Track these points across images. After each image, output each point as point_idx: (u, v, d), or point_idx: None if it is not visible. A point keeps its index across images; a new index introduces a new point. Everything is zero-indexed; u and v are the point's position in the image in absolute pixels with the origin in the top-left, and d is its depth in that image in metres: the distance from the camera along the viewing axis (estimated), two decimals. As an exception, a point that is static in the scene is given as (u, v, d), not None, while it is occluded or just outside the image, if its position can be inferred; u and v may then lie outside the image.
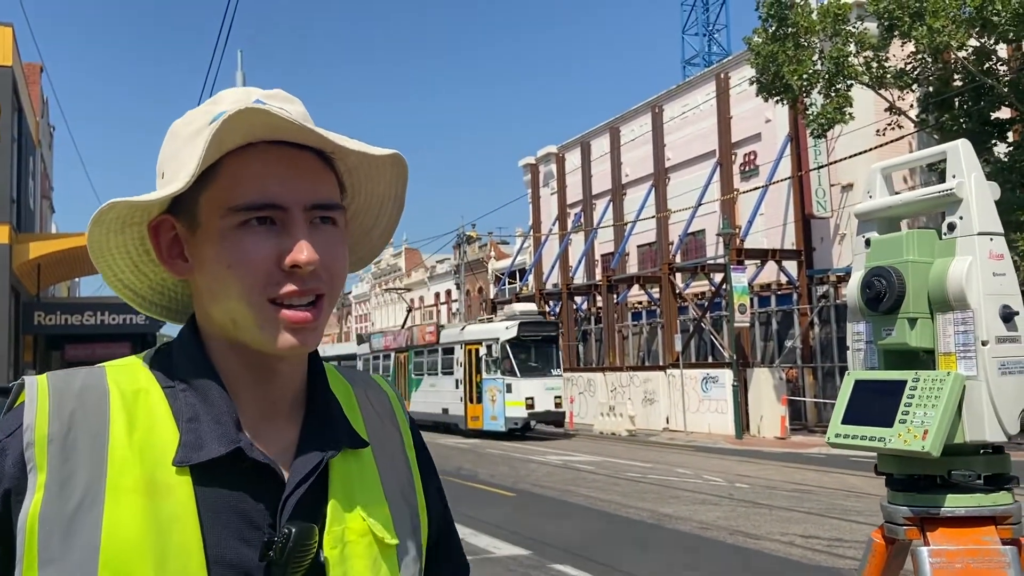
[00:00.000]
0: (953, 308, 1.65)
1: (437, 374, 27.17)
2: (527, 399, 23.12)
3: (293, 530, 0.84)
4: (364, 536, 0.91)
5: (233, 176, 0.87)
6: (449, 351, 26.48)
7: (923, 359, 1.75)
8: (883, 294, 1.70)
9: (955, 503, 1.65)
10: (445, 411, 26.49)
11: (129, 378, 0.89)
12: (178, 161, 0.90)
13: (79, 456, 0.81)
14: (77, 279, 36.97)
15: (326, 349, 68.24)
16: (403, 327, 35.28)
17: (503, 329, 23.94)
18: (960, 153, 1.71)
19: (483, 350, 24.25)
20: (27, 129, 19.43)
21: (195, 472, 0.84)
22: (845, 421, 1.75)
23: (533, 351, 24.16)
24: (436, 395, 27.10)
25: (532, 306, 28.08)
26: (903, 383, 1.66)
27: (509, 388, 23.31)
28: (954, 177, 1.70)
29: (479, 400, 24.43)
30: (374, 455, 0.98)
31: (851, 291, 1.82)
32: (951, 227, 1.69)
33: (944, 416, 1.57)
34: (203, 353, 0.92)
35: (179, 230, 0.91)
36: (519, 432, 23.67)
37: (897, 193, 1.90)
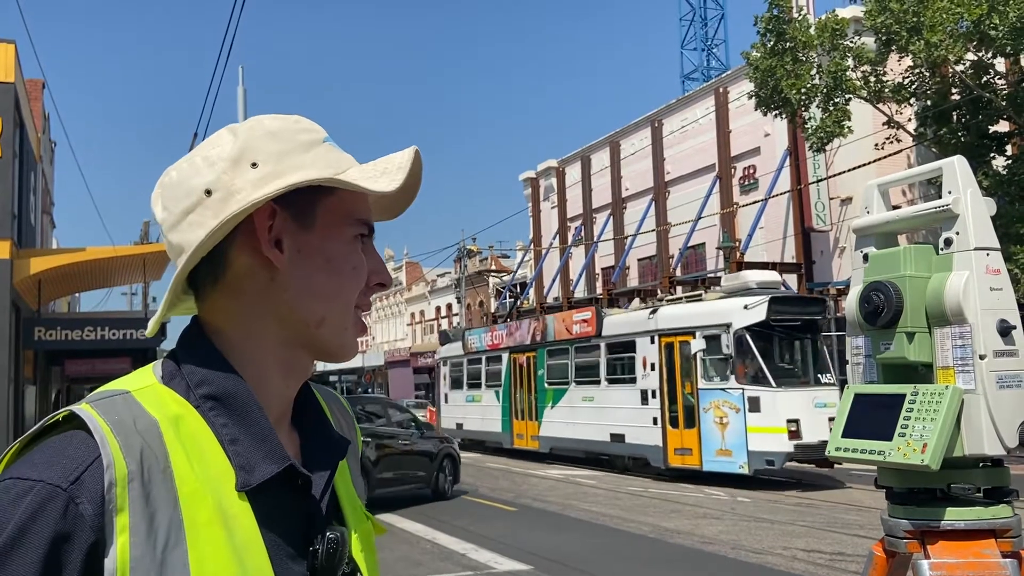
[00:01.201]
0: (951, 322, 1.67)
1: (597, 382, 18.69)
2: (789, 422, 14.25)
3: (337, 535, 0.86)
4: (370, 535, 0.97)
5: (349, 192, 0.93)
6: (623, 347, 17.94)
7: (921, 373, 1.76)
8: (881, 308, 1.71)
9: (955, 516, 1.66)
10: (617, 439, 17.84)
11: (161, 403, 0.84)
12: (294, 163, 0.89)
13: (156, 493, 0.77)
14: (77, 294, 37.00)
15: (327, 364, 68.02)
16: (513, 316, 28.93)
17: (739, 310, 15.02)
18: (956, 169, 1.73)
19: (698, 344, 15.53)
20: (28, 145, 19.49)
21: (250, 494, 0.83)
22: (845, 435, 1.76)
23: (790, 346, 15.78)
24: (595, 414, 18.56)
25: (772, 274, 18.10)
26: (902, 397, 1.68)
27: (755, 405, 14.59)
28: (950, 193, 1.72)
29: (692, 423, 15.72)
30: (347, 456, 1.01)
31: (850, 305, 1.83)
32: (948, 242, 1.70)
33: (943, 429, 1.58)
34: (226, 362, 0.88)
35: (282, 222, 0.89)
36: (773, 475, 15.62)
37: (896, 207, 1.91)
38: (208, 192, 0.88)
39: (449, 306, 52.52)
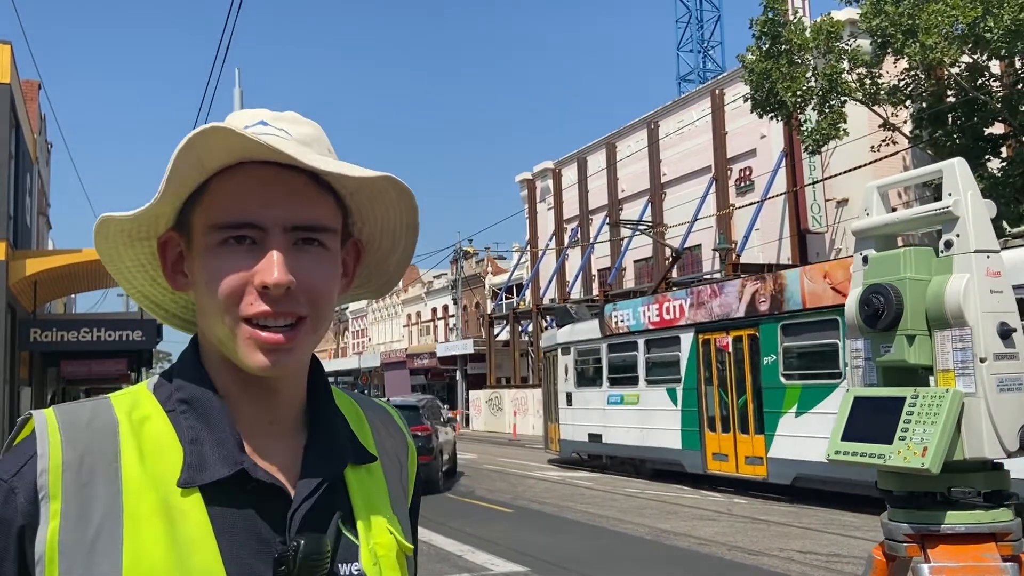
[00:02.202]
0: (951, 325, 1.66)
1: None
2: None
3: (302, 542, 0.85)
4: (392, 549, 0.94)
5: (217, 195, 0.89)
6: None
7: (921, 376, 1.75)
8: (881, 311, 1.70)
9: (955, 520, 1.65)
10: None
11: (134, 406, 0.90)
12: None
13: (95, 484, 0.82)
14: (73, 296, 36.90)
15: (323, 365, 67.83)
16: (727, 274, 20.15)
17: None
18: (956, 171, 1.72)
19: None
20: (25, 146, 19.43)
21: (205, 493, 0.85)
22: (845, 438, 1.75)
23: None
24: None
25: None
26: (902, 400, 1.66)
27: None
28: (950, 195, 1.70)
29: None
30: (383, 469, 1.01)
31: (850, 308, 1.82)
32: (948, 245, 1.69)
33: (943, 433, 1.57)
34: (202, 372, 0.92)
35: (182, 246, 0.93)
36: None
37: (893, 209, 1.91)
38: None
39: (445, 307, 52.48)
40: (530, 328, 37.15)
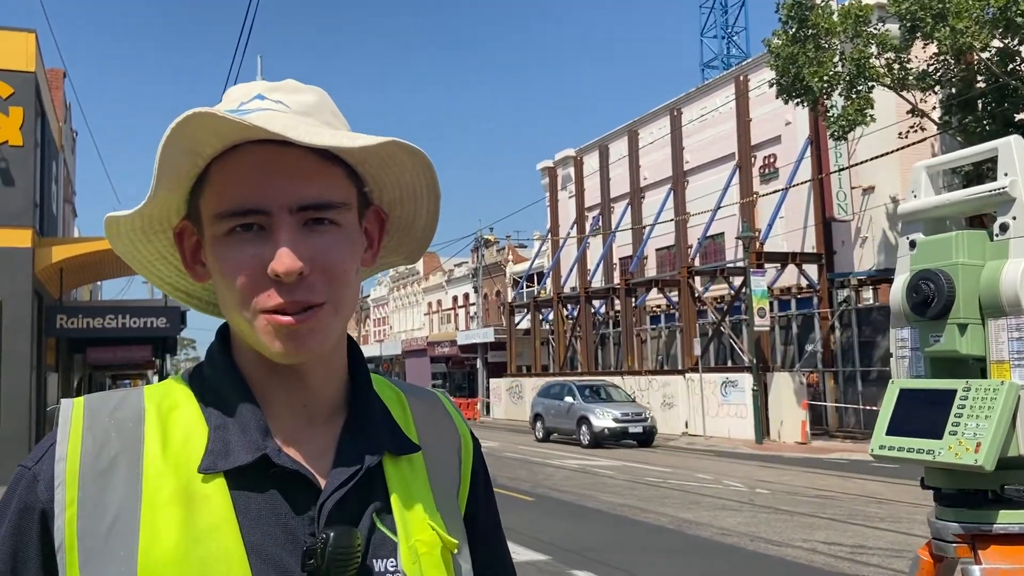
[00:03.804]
0: (1006, 313, 1.56)
1: None
2: None
3: (331, 535, 0.82)
4: (435, 547, 0.89)
5: (217, 182, 0.85)
6: None
7: (973, 367, 1.66)
8: (931, 298, 1.61)
9: (1009, 519, 1.55)
10: None
11: (165, 395, 0.90)
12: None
13: (114, 472, 0.82)
14: (99, 283, 37.29)
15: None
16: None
17: None
18: (1013, 149, 1.62)
19: None
20: (50, 134, 19.58)
21: (230, 480, 0.83)
22: (890, 432, 1.66)
23: None
24: None
25: None
26: (953, 392, 1.57)
27: None
28: (1006, 175, 1.61)
29: None
30: (424, 460, 0.96)
31: (895, 295, 1.73)
32: (1003, 228, 1.60)
33: (998, 428, 1.48)
34: (229, 360, 0.92)
35: (197, 235, 0.90)
36: None
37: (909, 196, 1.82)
38: None
39: (466, 296, 52.53)
40: (551, 316, 37.09)
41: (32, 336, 15.77)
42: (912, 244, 1.75)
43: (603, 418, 21.90)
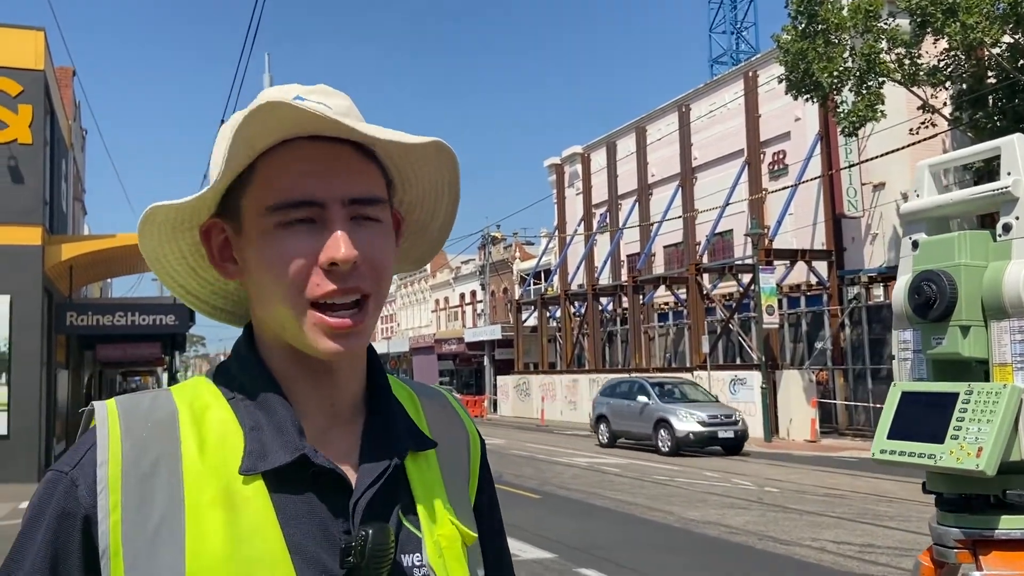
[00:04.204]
0: (1010, 315, 1.53)
1: None
2: None
3: (370, 532, 0.83)
4: (456, 541, 0.91)
5: (269, 175, 0.87)
6: None
7: (976, 370, 1.62)
8: (933, 300, 1.58)
9: (1011, 525, 1.52)
10: None
11: (194, 396, 0.90)
12: (215, 163, 0.89)
13: (156, 475, 0.82)
14: (110, 280, 37.44)
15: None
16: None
17: None
18: (1016, 148, 1.58)
19: None
20: (59, 132, 19.65)
21: (268, 481, 0.84)
22: (891, 436, 1.63)
23: None
24: None
25: None
26: (955, 396, 1.54)
27: None
28: (1009, 174, 1.57)
29: None
30: (437, 457, 0.98)
31: (897, 296, 1.70)
32: (1007, 228, 1.56)
33: (1000, 432, 1.45)
34: (259, 360, 0.91)
35: (228, 233, 0.91)
36: None
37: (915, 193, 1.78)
38: None
39: (473, 293, 52.53)
40: (558, 314, 37.05)
41: (42, 333, 15.84)
42: (914, 244, 1.71)
43: (687, 421, 18.96)
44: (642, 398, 20.34)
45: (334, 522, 0.84)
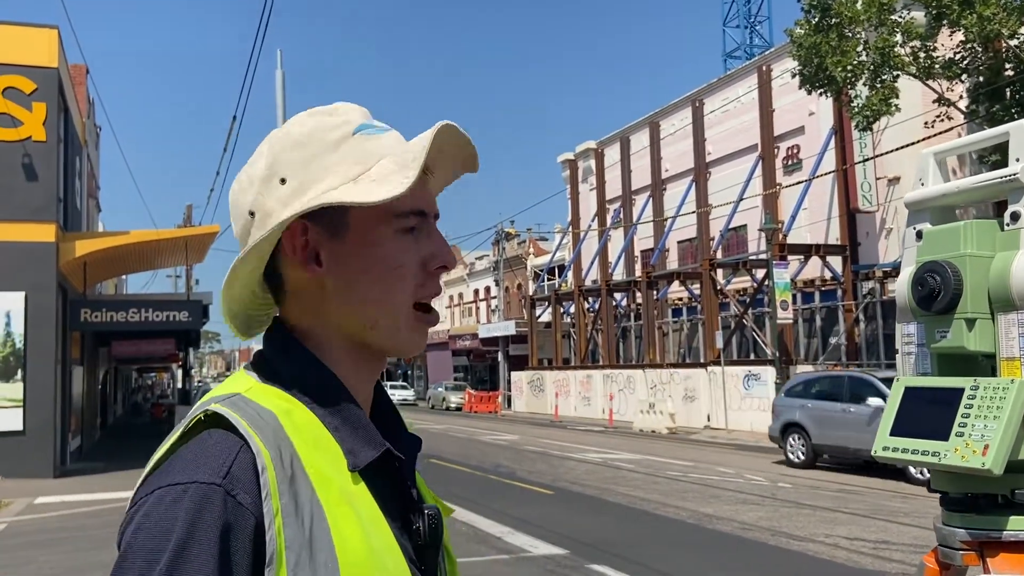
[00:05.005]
0: (1017, 307, 1.48)
1: None
2: None
3: (434, 511, 0.93)
4: (442, 516, 0.98)
5: None
6: None
7: (982, 364, 1.57)
8: (937, 292, 1.52)
9: (1019, 526, 1.47)
10: None
11: (270, 400, 0.90)
12: (322, 168, 0.91)
13: (296, 478, 0.83)
14: (124, 276, 37.68)
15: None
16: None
17: None
18: (1025, 134, 1.53)
19: None
20: (73, 129, 19.76)
21: (363, 477, 0.88)
22: (894, 432, 1.58)
23: None
24: None
25: None
26: (960, 391, 1.49)
27: None
28: (1018, 160, 1.52)
29: None
30: None
31: (900, 288, 1.65)
32: (1015, 217, 1.51)
33: (1007, 429, 1.40)
34: (317, 359, 0.94)
35: (314, 235, 0.93)
36: None
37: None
38: (252, 214, 0.94)
39: (487, 289, 52.52)
40: (572, 309, 36.99)
41: (57, 330, 15.94)
42: (919, 235, 1.66)
43: None
44: (873, 401, 14.36)
45: (400, 507, 0.92)
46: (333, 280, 0.92)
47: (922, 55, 18.48)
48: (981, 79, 18.93)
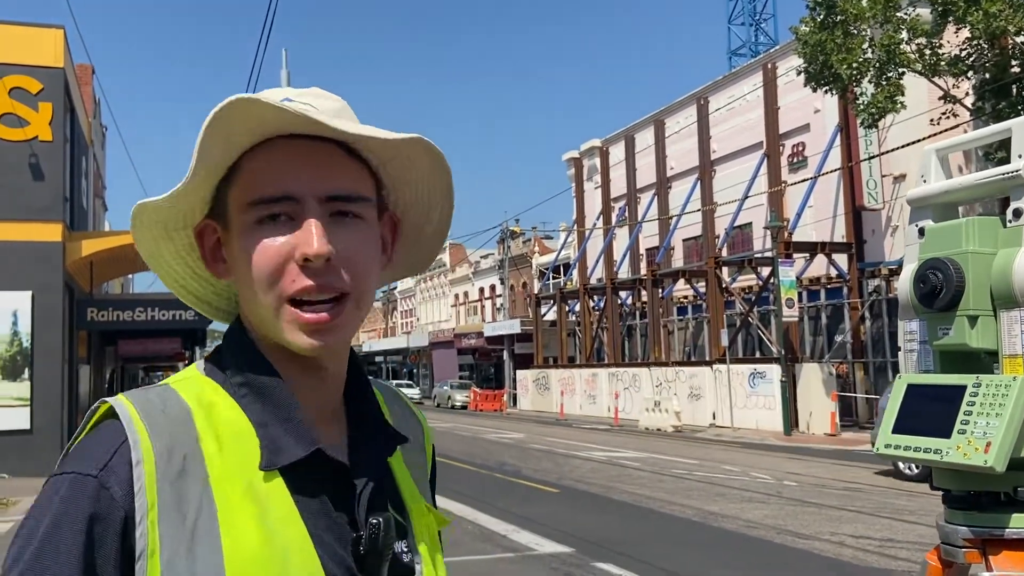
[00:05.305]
0: (1020, 304, 1.47)
1: None
2: None
3: (381, 521, 0.86)
4: (432, 526, 0.97)
5: (250, 171, 0.88)
6: None
7: (984, 362, 1.56)
8: (939, 289, 1.52)
9: (1021, 523, 1.46)
10: None
11: (198, 392, 0.89)
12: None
13: (186, 473, 0.82)
14: (131, 276, 37.78)
15: (372, 344, 68.79)
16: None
17: None
18: (1027, 131, 1.52)
19: None
20: (80, 129, 19.81)
21: (284, 476, 0.85)
22: (896, 430, 1.58)
23: None
24: None
25: None
26: (962, 389, 1.49)
27: None
28: (1021, 157, 1.51)
29: None
30: (403, 451, 1.01)
31: (903, 286, 1.64)
32: (1017, 213, 1.50)
33: (1009, 426, 1.39)
34: (259, 354, 0.91)
35: (220, 233, 0.92)
36: None
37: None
38: None
39: (492, 287, 52.54)
40: (577, 308, 36.98)
41: (63, 329, 15.99)
42: (921, 232, 1.66)
43: None
44: None
45: (338, 514, 0.86)
46: (234, 277, 0.91)
47: (928, 52, 18.42)
48: (987, 76, 18.87)
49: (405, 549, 0.92)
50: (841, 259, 25.16)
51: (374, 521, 0.86)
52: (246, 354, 0.91)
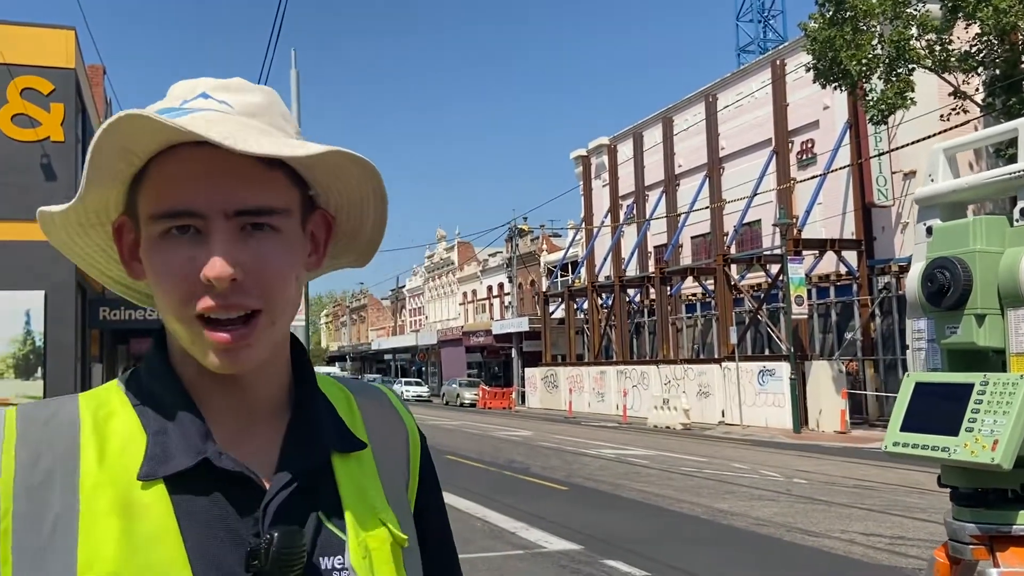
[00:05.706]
0: (1027, 304, 1.48)
1: None
2: None
3: (275, 535, 0.80)
4: (385, 542, 0.88)
5: (154, 181, 0.83)
6: None
7: (992, 360, 1.57)
8: (947, 288, 1.53)
9: (1029, 520, 1.48)
10: None
11: (101, 403, 0.88)
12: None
13: (50, 484, 0.80)
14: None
15: (381, 342, 68.90)
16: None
17: None
18: (1034, 131, 1.53)
19: None
20: (91, 130, 19.91)
21: (170, 486, 0.81)
22: (904, 428, 1.59)
23: None
24: None
25: None
26: (970, 387, 1.49)
27: None
28: (1027, 158, 1.52)
29: None
30: (374, 457, 0.95)
31: (911, 284, 1.65)
32: (1024, 213, 1.51)
33: (1017, 424, 1.40)
34: (166, 364, 0.89)
35: (135, 232, 0.87)
36: None
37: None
38: None
39: (501, 285, 52.58)
40: (585, 306, 36.98)
41: (76, 328, 16.08)
42: (929, 231, 1.66)
43: None
44: None
45: (244, 526, 0.82)
46: (149, 282, 0.87)
47: (938, 48, 18.35)
48: (997, 72, 18.78)
49: (338, 566, 0.85)
50: (851, 256, 25.09)
51: (268, 535, 0.80)
52: (154, 363, 0.89)
